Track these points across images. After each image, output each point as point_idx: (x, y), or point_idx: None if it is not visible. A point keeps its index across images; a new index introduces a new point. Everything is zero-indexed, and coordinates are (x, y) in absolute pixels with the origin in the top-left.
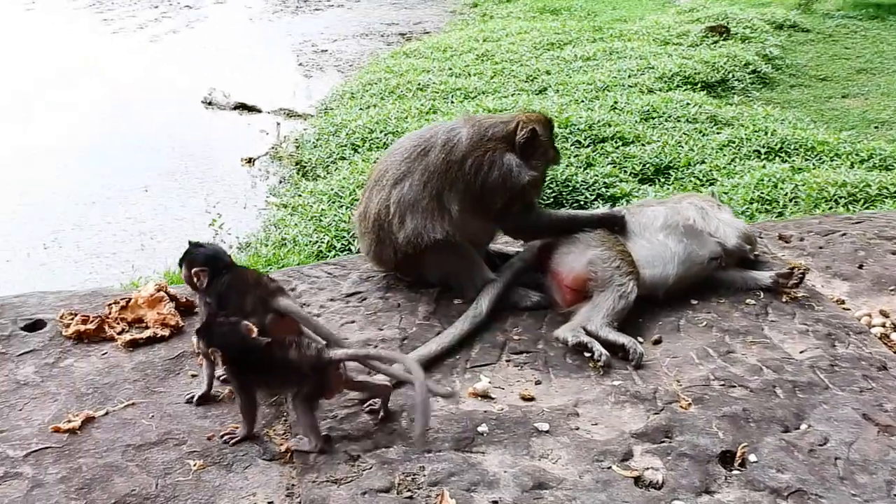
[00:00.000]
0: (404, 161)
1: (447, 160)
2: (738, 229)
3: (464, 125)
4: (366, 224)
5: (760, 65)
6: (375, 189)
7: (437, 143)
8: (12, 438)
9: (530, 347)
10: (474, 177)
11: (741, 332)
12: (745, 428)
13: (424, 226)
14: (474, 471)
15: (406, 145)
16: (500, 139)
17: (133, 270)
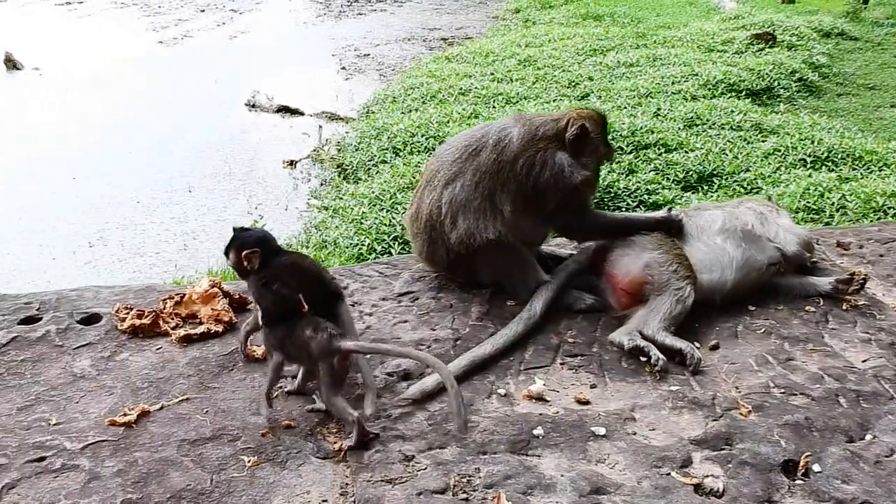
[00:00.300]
0: (455, 161)
1: (498, 160)
2: (798, 235)
3: (514, 124)
4: (418, 225)
5: (807, 73)
6: (427, 189)
7: (489, 142)
8: (70, 431)
9: (585, 350)
10: (526, 177)
11: (801, 340)
12: (808, 437)
13: (477, 226)
14: (530, 474)
15: (457, 145)
16: (551, 138)
17: (176, 269)
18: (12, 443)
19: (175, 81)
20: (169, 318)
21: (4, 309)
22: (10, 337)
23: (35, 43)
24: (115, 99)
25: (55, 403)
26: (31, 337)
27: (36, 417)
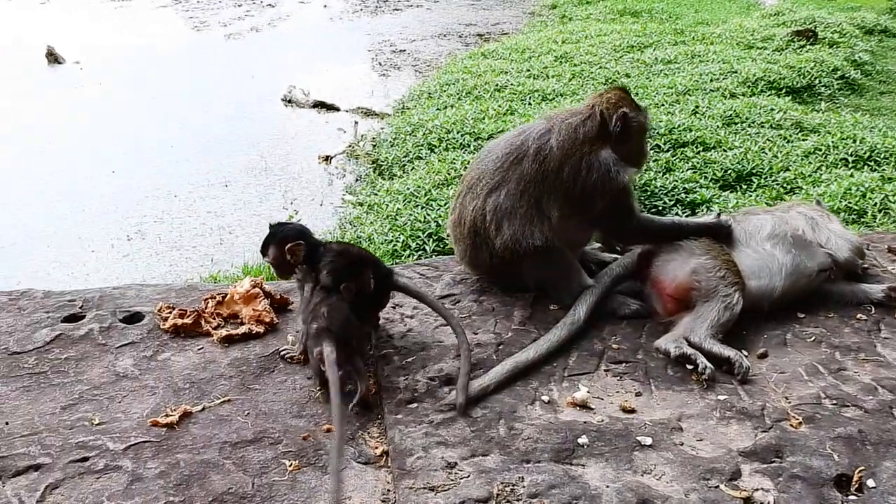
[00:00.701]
0: (498, 170)
1: (542, 170)
2: (849, 241)
3: (550, 130)
4: (461, 230)
5: (849, 70)
6: (469, 196)
7: (530, 152)
8: (112, 431)
9: (630, 357)
10: (573, 183)
11: (852, 349)
12: (862, 451)
13: (523, 232)
14: (575, 484)
15: (497, 153)
16: (594, 138)
17: (212, 264)
18: (56, 442)
19: (212, 76)
20: (210, 318)
21: (49, 306)
22: (54, 335)
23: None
24: (153, 93)
25: (98, 403)
26: (74, 335)
27: (79, 417)
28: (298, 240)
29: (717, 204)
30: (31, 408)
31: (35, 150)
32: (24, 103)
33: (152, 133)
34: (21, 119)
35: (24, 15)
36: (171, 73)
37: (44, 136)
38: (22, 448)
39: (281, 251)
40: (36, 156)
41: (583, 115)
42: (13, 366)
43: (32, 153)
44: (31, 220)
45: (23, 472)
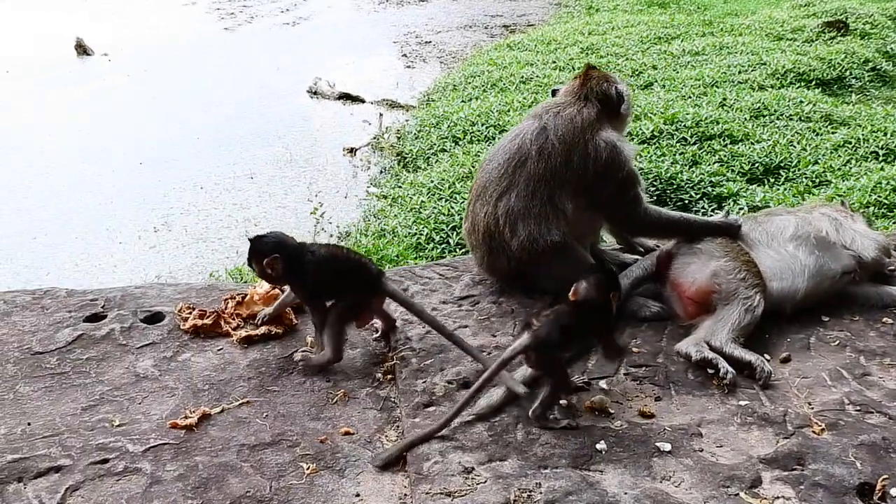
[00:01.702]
0: (503, 176)
1: (549, 167)
2: (875, 241)
3: (545, 127)
4: (476, 237)
5: (881, 62)
6: (479, 203)
7: (531, 152)
8: (132, 433)
9: (650, 361)
10: (584, 169)
11: (877, 354)
12: (886, 459)
13: (539, 230)
14: (592, 491)
15: (499, 160)
16: (593, 121)
17: (237, 256)
18: (76, 443)
19: (239, 67)
20: (230, 319)
21: (71, 305)
22: (76, 335)
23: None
24: (180, 85)
25: (118, 404)
26: (96, 335)
27: (99, 418)
28: (274, 254)
29: (744, 198)
30: (52, 408)
31: (64, 141)
32: (53, 95)
33: (178, 125)
34: (51, 111)
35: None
36: (198, 65)
37: (73, 128)
38: (43, 449)
39: (260, 265)
40: (65, 148)
41: (576, 104)
42: (35, 366)
43: (62, 145)
44: (61, 212)
45: (44, 473)
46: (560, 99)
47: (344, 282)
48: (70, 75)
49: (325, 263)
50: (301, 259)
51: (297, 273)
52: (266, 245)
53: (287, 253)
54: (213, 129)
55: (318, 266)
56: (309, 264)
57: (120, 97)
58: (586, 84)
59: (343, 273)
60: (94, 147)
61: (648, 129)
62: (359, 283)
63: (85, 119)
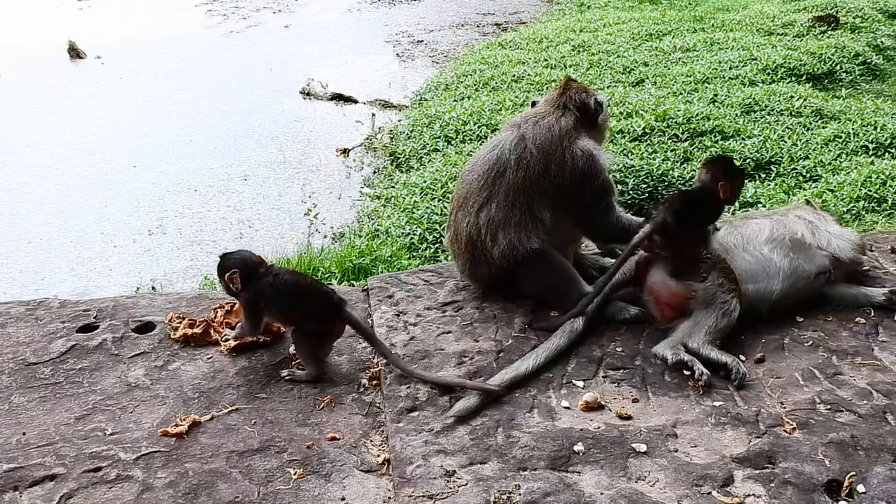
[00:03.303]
0: (483, 187)
1: (528, 177)
2: (850, 240)
3: (523, 137)
4: (459, 246)
5: (871, 56)
6: (461, 213)
7: (510, 162)
8: (124, 441)
9: (628, 363)
10: (562, 177)
11: (850, 353)
12: (854, 456)
13: (519, 238)
14: (570, 491)
15: (478, 171)
16: (570, 130)
17: None
18: (70, 452)
19: (231, 69)
20: (220, 328)
21: (64, 316)
22: (69, 345)
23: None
24: (173, 87)
25: (111, 413)
26: (88, 345)
27: (92, 427)
28: (235, 268)
29: None
30: (46, 418)
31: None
32: (46, 98)
33: (172, 127)
34: (44, 114)
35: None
36: (191, 66)
37: (66, 132)
38: (38, 458)
39: (223, 280)
40: (59, 151)
41: (555, 113)
42: (30, 377)
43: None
44: (56, 216)
45: (39, 482)
46: (539, 109)
47: (304, 307)
48: (63, 78)
49: (285, 287)
50: (259, 278)
51: (251, 289)
52: (230, 261)
53: (247, 269)
54: (207, 131)
55: (276, 288)
56: (267, 285)
57: (113, 100)
58: (565, 94)
59: (303, 298)
60: (87, 150)
61: (640, 126)
62: (319, 309)
63: (78, 122)
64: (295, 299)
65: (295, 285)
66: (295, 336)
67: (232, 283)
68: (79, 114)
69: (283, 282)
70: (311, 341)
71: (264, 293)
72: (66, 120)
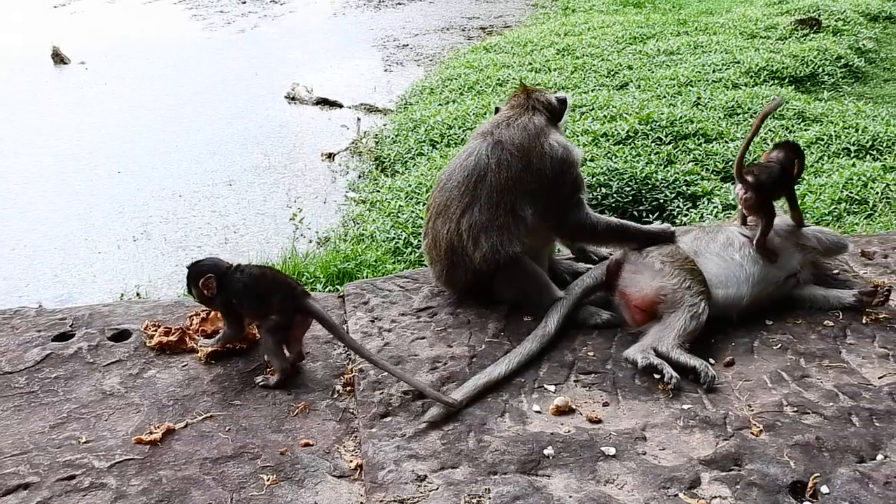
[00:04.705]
0: (465, 193)
1: (510, 176)
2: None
3: (499, 141)
4: (437, 252)
5: (853, 58)
6: (440, 220)
7: (490, 166)
8: (98, 449)
9: (599, 368)
10: (543, 169)
11: (817, 356)
12: (818, 457)
13: (501, 241)
14: (539, 495)
15: (458, 178)
16: (543, 128)
17: None
18: (44, 461)
19: (216, 74)
20: (195, 335)
21: (40, 325)
22: (44, 354)
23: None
24: (157, 92)
25: (85, 421)
26: (63, 354)
27: (67, 435)
28: (209, 272)
29: (718, 196)
30: (21, 427)
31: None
32: (30, 104)
33: (157, 133)
34: (28, 120)
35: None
36: (176, 71)
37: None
38: (12, 467)
39: (197, 287)
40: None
41: (525, 114)
42: (4, 385)
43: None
44: (40, 222)
45: (12, 490)
46: (506, 113)
47: (270, 298)
48: (47, 84)
49: (252, 280)
50: (229, 278)
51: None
52: (201, 267)
53: (219, 273)
54: (192, 137)
55: (244, 283)
56: (237, 282)
57: (97, 105)
58: (531, 97)
59: (268, 290)
60: (71, 156)
61: (624, 130)
62: (282, 301)
63: (62, 128)
64: (261, 291)
65: (261, 277)
66: (261, 332)
67: (207, 289)
68: (63, 120)
69: (249, 276)
70: (277, 336)
71: (236, 291)
72: (49, 126)
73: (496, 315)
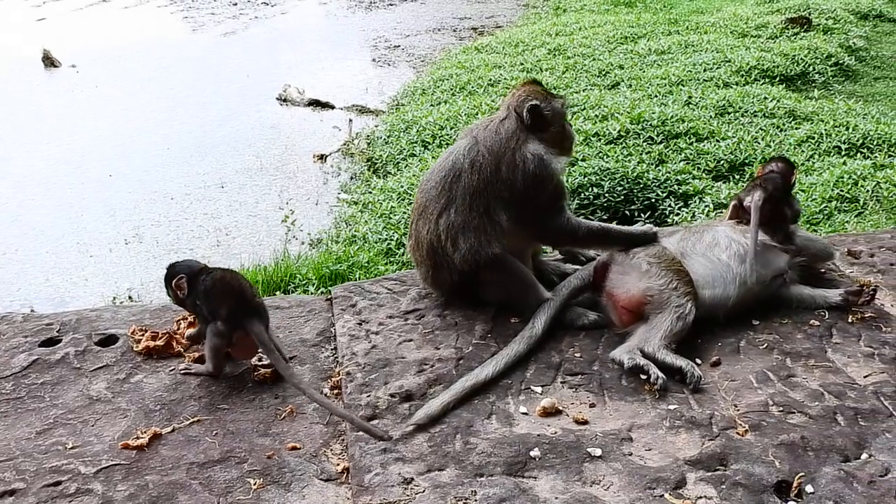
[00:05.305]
0: (441, 193)
1: (482, 178)
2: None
3: (476, 141)
4: (420, 253)
5: (843, 57)
6: (421, 221)
7: (465, 167)
8: (85, 455)
9: (586, 369)
10: (513, 179)
11: (803, 355)
12: (803, 457)
13: (479, 242)
14: (525, 496)
15: (436, 179)
16: (517, 133)
17: None
18: (30, 467)
19: (208, 76)
20: (182, 340)
21: (27, 330)
22: (31, 360)
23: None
24: (148, 95)
25: (72, 427)
26: (50, 359)
27: (53, 441)
28: (181, 273)
29: (709, 195)
30: (7, 433)
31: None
32: (20, 108)
33: (148, 135)
34: (19, 124)
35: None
36: (167, 74)
37: (42, 141)
38: None
39: (171, 288)
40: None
41: (501, 116)
42: None
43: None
44: (31, 226)
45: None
46: (494, 114)
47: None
48: (38, 87)
49: (211, 281)
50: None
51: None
52: (175, 268)
53: (192, 275)
54: (183, 139)
55: (205, 284)
56: (201, 283)
57: (88, 109)
58: (511, 98)
59: (221, 296)
60: (62, 160)
61: (615, 129)
62: (227, 315)
63: (53, 132)
64: (215, 295)
65: (218, 281)
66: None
67: (179, 290)
68: (54, 123)
69: (210, 279)
70: (214, 340)
71: (199, 293)
72: (40, 129)
73: (484, 317)
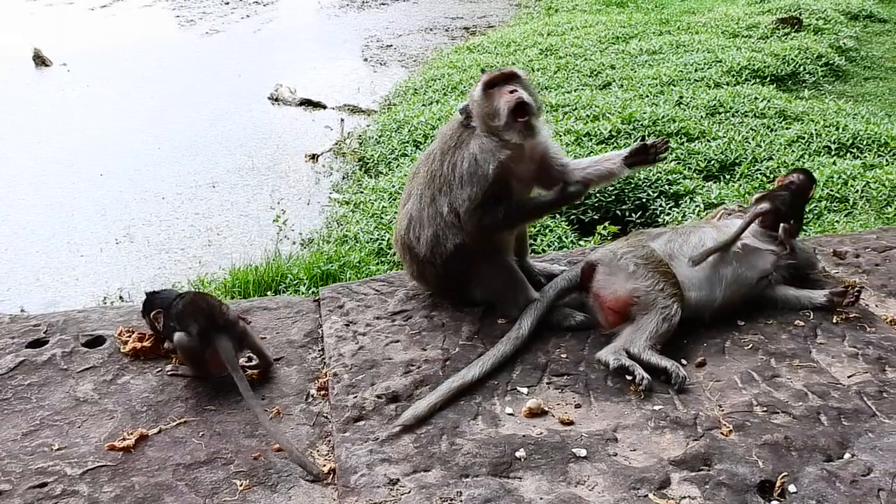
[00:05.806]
0: (405, 189)
1: (430, 170)
2: None
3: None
4: (397, 247)
5: (833, 57)
6: (398, 216)
7: (423, 158)
8: (71, 456)
9: (571, 370)
10: (452, 175)
11: (788, 356)
12: (787, 457)
13: (435, 233)
14: (510, 497)
15: (411, 172)
16: (457, 127)
17: (200, 266)
18: (16, 469)
19: (200, 76)
20: None
21: (14, 332)
22: (18, 361)
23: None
24: (140, 94)
25: (58, 428)
26: (37, 361)
27: (39, 443)
28: (160, 309)
29: (700, 195)
30: None
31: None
32: (11, 107)
33: (139, 135)
34: (9, 123)
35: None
36: (159, 73)
37: (32, 140)
38: None
39: (147, 318)
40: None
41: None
42: None
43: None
44: (21, 226)
45: None
46: None
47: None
48: (28, 86)
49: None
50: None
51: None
52: (153, 302)
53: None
54: (174, 139)
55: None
56: (174, 309)
57: (79, 108)
58: None
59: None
60: (53, 159)
61: (606, 129)
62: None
63: (44, 131)
64: (186, 316)
65: (190, 303)
66: None
67: (156, 322)
68: (44, 122)
69: (182, 303)
70: (186, 352)
71: (173, 317)
72: (31, 129)
73: (471, 318)
